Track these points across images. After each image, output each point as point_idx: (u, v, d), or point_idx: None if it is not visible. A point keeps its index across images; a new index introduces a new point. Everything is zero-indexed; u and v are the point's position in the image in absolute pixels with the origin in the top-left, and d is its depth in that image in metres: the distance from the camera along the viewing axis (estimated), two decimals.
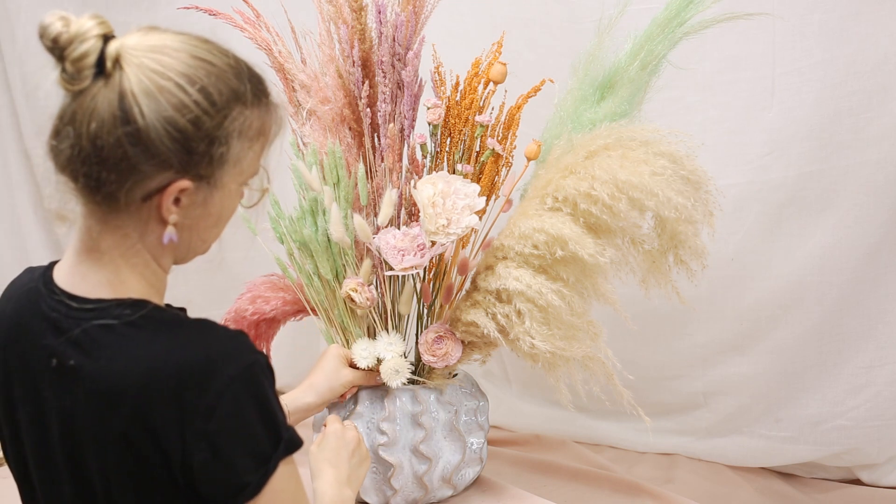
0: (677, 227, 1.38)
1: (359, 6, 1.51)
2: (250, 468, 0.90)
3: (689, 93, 1.79)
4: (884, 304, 1.75)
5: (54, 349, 0.92)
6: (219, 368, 0.88)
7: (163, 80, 0.87)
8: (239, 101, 0.91)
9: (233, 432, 0.89)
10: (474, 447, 1.51)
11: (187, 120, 0.88)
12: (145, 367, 0.88)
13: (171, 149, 0.88)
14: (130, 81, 0.86)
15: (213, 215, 0.96)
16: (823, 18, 1.69)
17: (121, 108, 0.86)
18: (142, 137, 0.87)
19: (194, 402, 0.87)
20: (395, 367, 1.44)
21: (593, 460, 1.89)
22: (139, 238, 0.93)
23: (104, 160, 0.87)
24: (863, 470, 1.82)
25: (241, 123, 0.92)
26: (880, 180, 1.70)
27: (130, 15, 2.18)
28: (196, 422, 0.88)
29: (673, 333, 1.90)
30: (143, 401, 0.88)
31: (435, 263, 1.52)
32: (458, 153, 1.51)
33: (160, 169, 0.89)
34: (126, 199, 0.90)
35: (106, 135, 0.86)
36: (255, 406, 0.90)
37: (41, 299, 0.95)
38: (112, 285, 0.93)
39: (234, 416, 0.88)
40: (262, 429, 0.91)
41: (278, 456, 0.91)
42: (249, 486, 0.90)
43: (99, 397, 0.89)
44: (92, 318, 0.91)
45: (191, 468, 0.89)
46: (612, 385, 1.41)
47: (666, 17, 1.44)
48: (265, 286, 1.61)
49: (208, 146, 0.90)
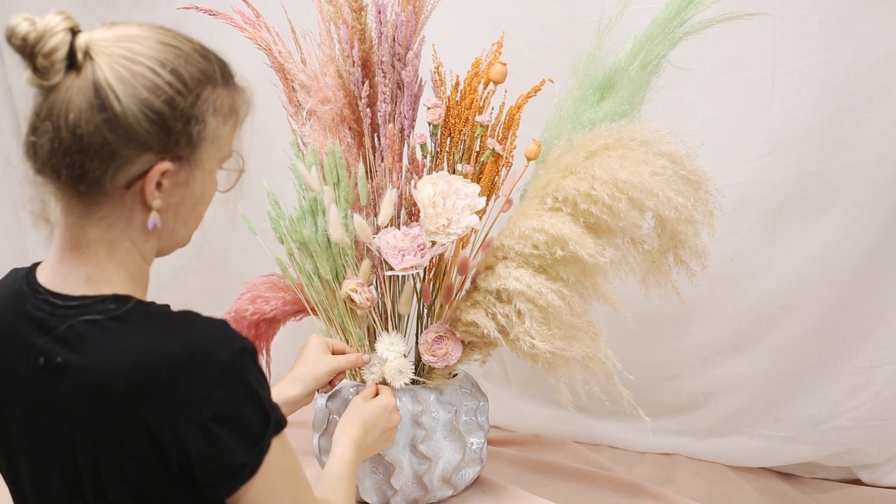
0: (677, 227, 1.38)
1: (359, 6, 1.51)
2: (245, 449, 0.92)
3: (689, 93, 1.79)
4: (884, 304, 1.75)
5: (41, 348, 0.93)
6: (210, 355, 0.90)
7: (134, 65, 0.90)
8: (209, 80, 0.94)
9: (226, 417, 0.90)
10: (474, 447, 1.51)
11: (162, 101, 0.90)
12: (134, 360, 0.90)
13: (149, 131, 0.90)
14: (103, 70, 0.89)
15: (195, 196, 0.98)
16: (823, 18, 1.69)
17: (97, 96, 0.88)
18: (120, 122, 0.89)
19: (187, 390, 0.89)
20: (399, 367, 1.44)
21: (593, 460, 1.89)
22: (123, 228, 0.95)
23: (85, 149, 0.89)
24: (863, 470, 1.82)
25: (214, 102, 0.95)
26: (880, 180, 1.70)
27: (130, 15, 2.17)
28: (190, 409, 0.89)
29: (673, 333, 1.90)
30: (134, 393, 0.89)
31: (435, 263, 1.52)
32: (458, 153, 1.51)
33: (140, 151, 0.91)
34: (110, 186, 0.91)
35: (85, 123, 0.88)
36: (246, 389, 0.92)
37: (25, 300, 0.96)
38: (96, 281, 0.95)
39: (227, 400, 0.90)
40: (252, 410, 0.93)
41: (270, 434, 0.94)
42: (247, 467, 0.92)
43: (88, 393, 0.91)
44: (77, 314, 0.93)
45: (187, 456, 0.90)
46: (612, 385, 1.41)
47: (666, 17, 1.44)
48: (265, 286, 1.61)
49: (185, 125, 0.92)
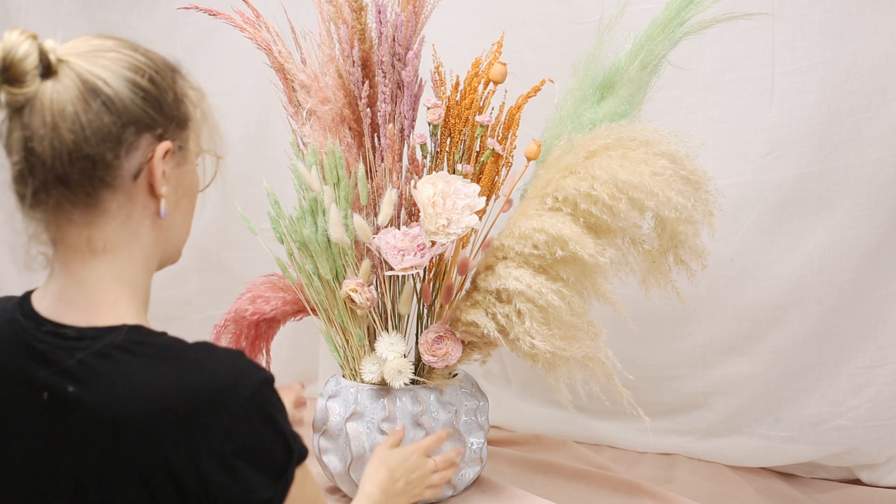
0: (677, 227, 1.38)
1: (359, 6, 1.51)
2: (269, 484, 0.90)
3: (689, 93, 1.79)
4: (884, 304, 1.75)
5: (45, 382, 0.90)
6: (232, 390, 0.88)
7: (108, 53, 0.91)
8: (173, 69, 0.96)
9: (250, 451, 0.89)
10: (474, 447, 1.51)
11: (147, 79, 0.92)
12: (151, 394, 0.87)
13: (143, 108, 0.91)
14: (80, 66, 0.89)
15: (186, 184, 0.98)
16: (823, 18, 1.69)
17: (85, 86, 0.89)
18: (116, 104, 0.89)
19: (209, 425, 0.87)
20: (398, 367, 1.44)
21: (593, 460, 1.89)
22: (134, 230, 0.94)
23: (90, 138, 0.89)
24: (863, 470, 1.82)
25: (184, 87, 0.96)
26: (880, 180, 1.70)
27: (130, 15, 2.17)
28: (212, 445, 0.87)
29: (673, 333, 1.90)
30: (152, 430, 0.86)
31: (435, 263, 1.52)
32: (458, 153, 1.51)
33: (140, 132, 0.91)
34: (119, 179, 0.91)
35: (84, 112, 0.88)
36: (269, 423, 0.90)
37: (24, 332, 0.93)
38: (101, 307, 0.92)
39: (250, 435, 0.88)
40: (276, 443, 0.91)
41: (293, 466, 0.92)
42: (271, 502, 0.91)
43: (102, 429, 0.87)
44: (86, 346, 0.90)
45: (209, 494, 0.88)
46: (612, 385, 1.41)
47: (666, 17, 1.44)
48: (265, 286, 1.61)
49: (174, 101, 0.94)
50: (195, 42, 2.18)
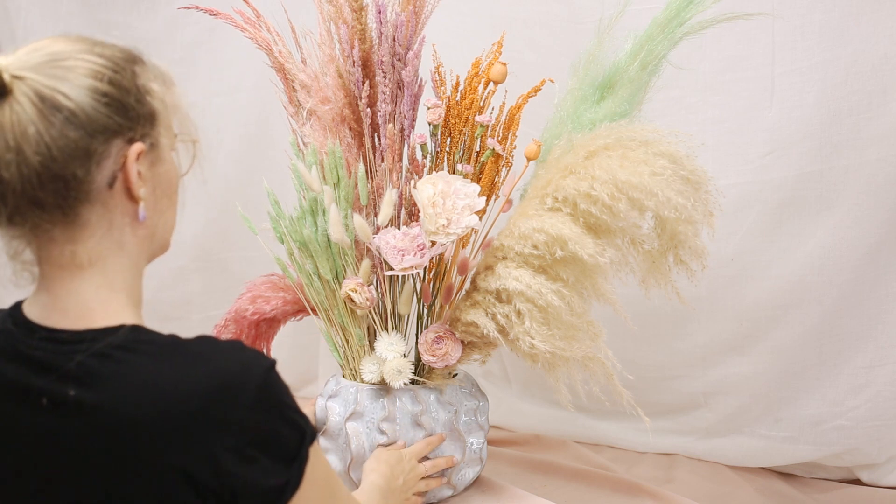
0: (677, 227, 1.38)
1: (359, 6, 1.51)
2: (285, 468, 0.90)
3: (689, 93, 1.79)
4: (884, 304, 1.75)
5: (43, 388, 0.88)
6: (241, 381, 0.88)
7: (63, 61, 0.87)
8: (133, 60, 0.93)
9: (264, 439, 0.89)
10: (474, 447, 1.51)
11: (106, 82, 0.88)
12: (158, 392, 0.86)
13: (107, 115, 0.88)
14: (36, 81, 0.86)
15: (164, 180, 0.96)
16: (823, 18, 1.69)
17: (43, 104, 0.85)
18: (79, 116, 0.86)
19: (223, 419, 0.86)
20: (398, 367, 1.44)
21: (593, 460, 1.89)
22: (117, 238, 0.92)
23: (57, 157, 0.86)
24: (863, 470, 1.82)
25: (147, 79, 0.93)
26: (880, 180, 1.70)
27: (130, 15, 2.17)
28: (227, 439, 0.86)
29: (673, 333, 1.90)
30: (163, 428, 0.85)
31: (435, 263, 1.52)
32: (458, 153, 1.51)
33: (109, 139, 0.88)
34: (94, 191, 0.88)
35: (46, 131, 0.85)
36: (280, 409, 0.91)
37: (17, 341, 0.91)
38: (95, 310, 0.91)
39: (263, 424, 0.88)
40: (288, 428, 0.91)
41: (306, 447, 0.92)
42: (290, 484, 0.91)
43: (109, 430, 0.86)
44: (85, 349, 0.88)
45: (225, 485, 0.87)
46: (612, 385, 1.41)
47: (666, 17, 1.44)
48: (265, 286, 1.61)
49: (137, 101, 0.90)
50: (195, 42, 2.18)
